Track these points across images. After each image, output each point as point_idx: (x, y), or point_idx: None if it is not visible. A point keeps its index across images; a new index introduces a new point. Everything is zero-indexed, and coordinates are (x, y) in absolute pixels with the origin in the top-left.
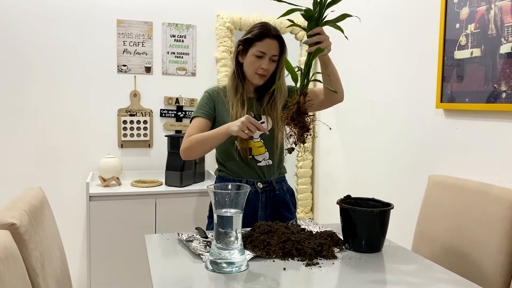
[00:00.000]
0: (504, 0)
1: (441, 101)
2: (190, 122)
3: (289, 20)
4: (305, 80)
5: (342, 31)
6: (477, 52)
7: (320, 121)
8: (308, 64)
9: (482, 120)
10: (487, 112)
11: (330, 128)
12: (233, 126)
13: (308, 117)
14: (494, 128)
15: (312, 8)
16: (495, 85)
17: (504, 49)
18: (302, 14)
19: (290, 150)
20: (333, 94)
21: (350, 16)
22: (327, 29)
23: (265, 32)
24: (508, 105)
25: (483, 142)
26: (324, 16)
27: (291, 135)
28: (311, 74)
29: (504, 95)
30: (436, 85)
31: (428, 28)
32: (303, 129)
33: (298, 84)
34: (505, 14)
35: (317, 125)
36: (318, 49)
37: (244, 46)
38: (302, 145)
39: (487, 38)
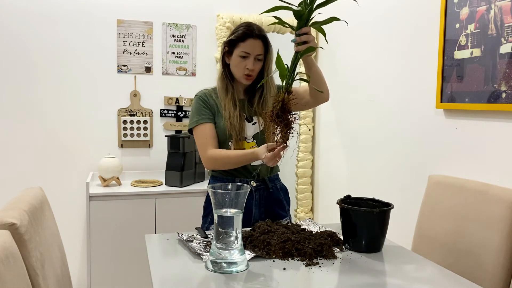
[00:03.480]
0: (504, 0)
1: (441, 101)
2: (191, 129)
3: (275, 17)
4: (290, 78)
5: (324, 34)
6: (477, 52)
7: (303, 122)
8: (295, 62)
9: (482, 120)
10: (487, 112)
11: (309, 129)
12: (261, 154)
13: (291, 115)
14: (494, 128)
15: (301, 7)
16: (495, 85)
17: (504, 49)
18: (293, 12)
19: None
20: (319, 94)
21: (338, 19)
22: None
23: (247, 32)
24: (508, 105)
25: (483, 142)
26: (311, 17)
27: (273, 133)
28: (296, 72)
29: (504, 95)
30: (436, 85)
31: (428, 28)
32: (287, 127)
33: (284, 82)
34: (505, 14)
35: (317, 125)
36: (309, 47)
37: (228, 47)
38: (285, 143)
39: (487, 38)
